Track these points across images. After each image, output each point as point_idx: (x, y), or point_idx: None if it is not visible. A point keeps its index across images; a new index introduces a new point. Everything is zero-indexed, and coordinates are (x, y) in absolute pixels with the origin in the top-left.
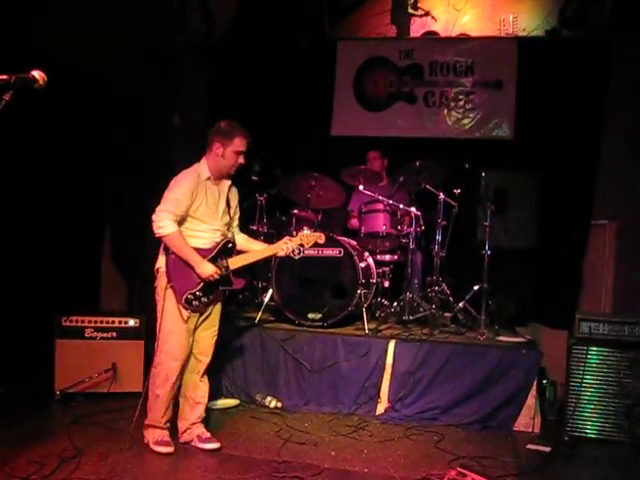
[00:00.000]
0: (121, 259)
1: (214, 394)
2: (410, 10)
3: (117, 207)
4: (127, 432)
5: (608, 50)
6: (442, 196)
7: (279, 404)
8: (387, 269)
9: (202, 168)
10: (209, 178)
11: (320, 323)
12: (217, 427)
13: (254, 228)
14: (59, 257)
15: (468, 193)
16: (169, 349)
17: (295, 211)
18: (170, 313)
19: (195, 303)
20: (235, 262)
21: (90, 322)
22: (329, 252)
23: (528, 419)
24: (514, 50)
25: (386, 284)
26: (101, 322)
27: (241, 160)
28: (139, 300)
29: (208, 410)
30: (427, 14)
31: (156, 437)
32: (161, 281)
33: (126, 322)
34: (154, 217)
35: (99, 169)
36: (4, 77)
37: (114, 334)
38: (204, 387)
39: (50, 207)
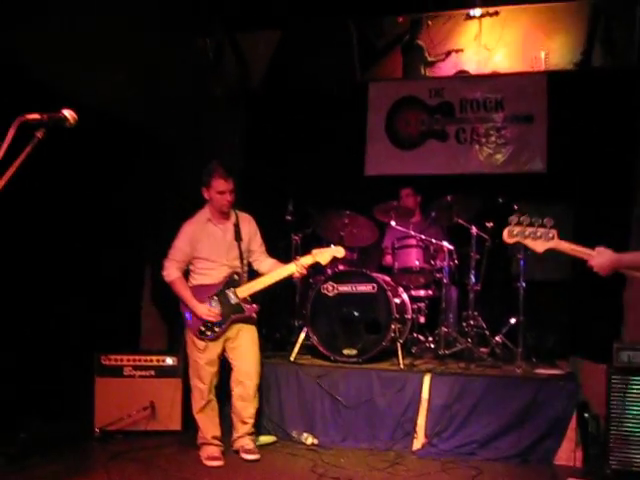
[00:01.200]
0: (161, 299)
1: None
2: (430, 58)
3: (156, 249)
4: (164, 468)
5: (637, 78)
6: (475, 230)
7: (315, 440)
8: (422, 305)
9: (203, 213)
10: (209, 220)
11: (355, 359)
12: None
13: None
14: (100, 298)
15: (501, 226)
16: (195, 374)
17: None
18: (190, 346)
19: (208, 333)
20: (243, 291)
21: (129, 360)
22: (363, 288)
23: (569, 452)
24: (543, 84)
25: (422, 320)
26: (139, 360)
27: (227, 198)
28: (178, 339)
29: None
30: (449, 53)
31: (207, 453)
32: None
33: (164, 360)
34: (163, 265)
35: (138, 213)
36: (37, 116)
37: (152, 372)
38: (251, 409)
39: (91, 250)
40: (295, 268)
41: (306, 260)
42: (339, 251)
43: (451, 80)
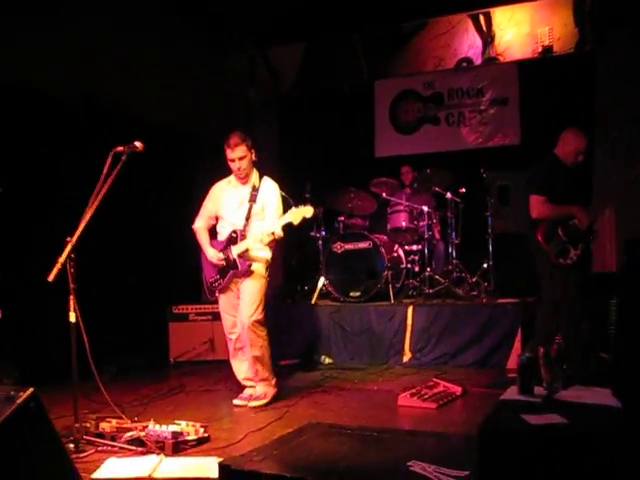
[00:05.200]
0: None
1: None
2: None
3: None
4: (218, 377)
5: (594, 64)
6: (449, 195)
7: (331, 360)
8: (416, 257)
9: (228, 177)
10: (229, 182)
11: (359, 299)
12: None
13: (312, 234)
14: (172, 265)
15: (479, 191)
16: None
17: (341, 218)
18: None
19: (215, 285)
20: (238, 248)
21: (193, 309)
22: (362, 245)
23: (517, 359)
24: (515, 72)
25: (416, 269)
26: (200, 309)
27: (237, 165)
28: None
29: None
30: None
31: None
32: None
33: (218, 307)
34: None
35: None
36: (122, 148)
37: (210, 317)
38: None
39: (160, 229)
40: (272, 228)
41: (280, 221)
42: (308, 211)
43: (440, 73)
